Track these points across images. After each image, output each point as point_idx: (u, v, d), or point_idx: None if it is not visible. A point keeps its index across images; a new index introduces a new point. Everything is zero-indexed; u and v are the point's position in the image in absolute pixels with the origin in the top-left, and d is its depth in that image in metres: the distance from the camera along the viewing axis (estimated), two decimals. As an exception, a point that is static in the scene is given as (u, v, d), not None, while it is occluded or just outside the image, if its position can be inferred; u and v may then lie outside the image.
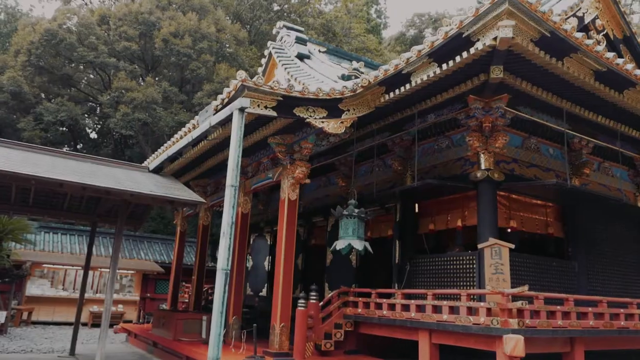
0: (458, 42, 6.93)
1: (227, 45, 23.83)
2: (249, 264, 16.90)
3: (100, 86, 25.31)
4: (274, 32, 14.53)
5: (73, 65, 24.00)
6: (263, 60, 14.42)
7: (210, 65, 22.77)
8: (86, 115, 23.05)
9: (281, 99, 7.73)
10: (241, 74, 7.33)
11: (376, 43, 30.63)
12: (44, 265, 19.12)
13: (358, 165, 12.17)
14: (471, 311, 7.01)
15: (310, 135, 8.98)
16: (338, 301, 9.28)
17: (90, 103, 25.06)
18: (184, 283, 17.15)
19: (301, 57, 13.20)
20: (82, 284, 12.39)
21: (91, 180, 8.31)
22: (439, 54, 7.22)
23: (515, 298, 6.79)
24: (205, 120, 8.31)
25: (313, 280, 10.28)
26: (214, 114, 8.16)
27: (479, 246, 7.60)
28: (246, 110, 7.21)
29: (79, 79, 25.42)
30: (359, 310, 9.05)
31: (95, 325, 18.34)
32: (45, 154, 10.09)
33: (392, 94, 8.30)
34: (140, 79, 23.29)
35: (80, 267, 19.87)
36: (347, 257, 11.66)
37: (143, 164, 11.95)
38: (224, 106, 7.90)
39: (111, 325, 18.42)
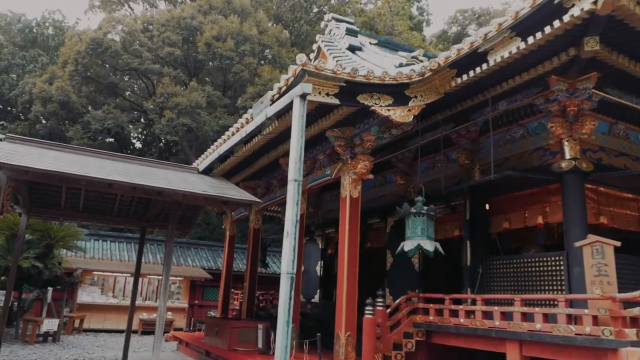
0: (548, 10, 6.05)
1: (270, 47, 23.43)
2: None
3: (145, 93, 25.39)
4: (322, 25, 13.91)
5: (118, 73, 24.15)
6: (312, 55, 13.80)
7: (253, 68, 22.40)
8: (131, 123, 23.08)
9: (344, 84, 7.04)
10: (301, 58, 6.68)
11: (420, 40, 29.66)
12: (94, 272, 19.09)
13: (417, 162, 11.36)
14: (570, 319, 6.08)
15: (372, 126, 8.25)
16: (406, 308, 8.46)
17: (135, 111, 25.15)
18: (232, 290, 16.68)
19: (352, 49, 12.49)
20: (132, 291, 12.02)
21: (141, 181, 7.83)
22: (524, 26, 6.35)
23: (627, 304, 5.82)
24: (260, 112, 7.71)
25: (371, 286, 9.52)
26: (271, 105, 7.56)
27: (577, 244, 6.64)
28: (308, 97, 6.56)
29: (124, 87, 25.59)
30: (431, 317, 8.22)
31: (146, 332, 18.11)
32: (94, 156, 9.75)
33: (464, 77, 7.46)
34: (184, 84, 23.16)
35: (129, 274, 19.77)
36: (409, 261, 10.83)
37: (192, 165, 11.50)
38: (281, 95, 7.27)
39: (165, 333, 18.18)
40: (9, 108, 28.99)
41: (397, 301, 8.55)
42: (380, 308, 8.01)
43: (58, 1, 60.20)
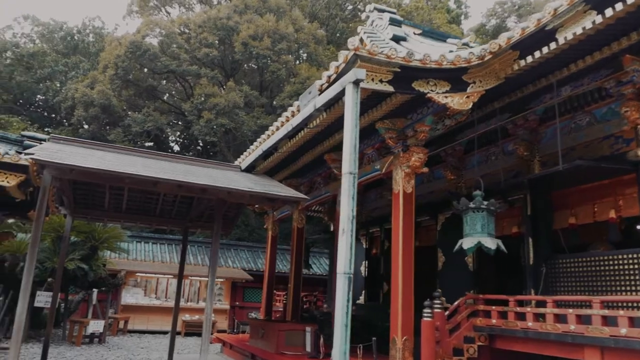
0: (631, -23, 5.42)
1: (306, 45, 23.11)
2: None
3: (183, 96, 25.50)
4: (363, 17, 13.44)
5: (156, 77, 24.32)
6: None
7: (290, 66, 22.13)
8: (170, 126, 23.20)
9: (398, 70, 6.56)
10: (353, 41, 6.24)
11: (459, 33, 28.75)
12: (137, 274, 19.17)
13: (468, 155, 10.75)
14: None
15: (426, 116, 7.73)
16: (466, 310, 7.90)
17: (173, 113, 25.29)
18: (275, 291, 16.39)
19: (397, 39, 11.93)
20: (176, 293, 11.84)
21: (186, 178, 7.56)
22: (601, -3, 5.73)
23: None
24: (308, 103, 7.32)
25: (421, 287, 8.99)
26: (319, 95, 7.16)
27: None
28: (361, 84, 6.12)
29: (163, 90, 25.78)
30: (493, 320, 7.63)
31: (188, 334, 18.03)
32: (139, 155, 9.57)
33: (528, 60, 6.86)
34: (221, 85, 23.10)
35: (171, 276, 19.78)
36: (463, 260, 10.24)
37: (235, 163, 11.23)
38: (331, 84, 6.86)
39: (204, 335, 18.06)
40: (53, 115, 29.70)
41: (456, 303, 7.99)
42: (438, 310, 7.48)
43: (97, 8, 61.98)
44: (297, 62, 22.44)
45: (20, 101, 29.68)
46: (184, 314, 18.62)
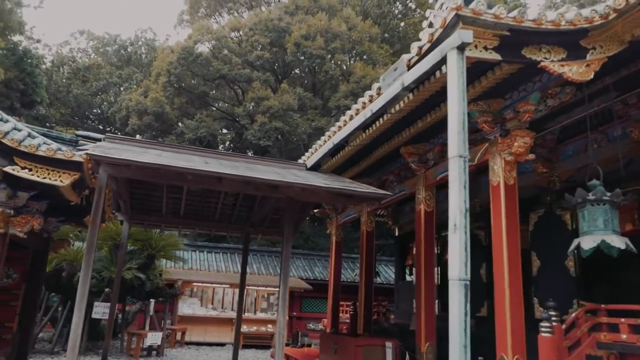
0: None
1: (360, 44, 22.17)
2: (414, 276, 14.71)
3: (234, 101, 25.07)
4: None
5: (208, 83, 24.00)
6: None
7: (344, 66, 21.22)
8: (223, 130, 22.77)
9: (507, 34, 5.43)
10: (455, 0, 5.17)
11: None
12: (194, 283, 18.61)
13: (562, 145, 9.40)
14: None
15: (532, 93, 6.52)
16: (586, 323, 6.59)
17: (225, 120, 24.88)
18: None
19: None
20: (238, 303, 11.07)
21: (253, 174, 6.69)
22: None
23: None
24: (393, 82, 6.30)
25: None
26: (408, 70, 6.14)
27: None
28: (467, 49, 5.08)
29: (215, 97, 25.46)
30: (624, 336, 6.29)
31: (247, 346, 17.24)
32: (198, 154, 8.84)
33: (664, 15, 5.58)
34: (273, 88, 22.48)
35: (227, 285, 19.13)
36: (562, 264, 8.89)
37: (299, 162, 10.34)
38: (422, 56, 5.80)
39: (266, 347, 17.23)
40: (109, 127, 30.04)
41: (574, 314, 6.69)
42: (555, 324, 6.23)
43: (149, 20, 63.75)
44: (352, 61, 21.51)
45: (77, 114, 30.22)
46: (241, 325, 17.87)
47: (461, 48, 4.99)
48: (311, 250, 24.47)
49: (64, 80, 29.23)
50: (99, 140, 8.31)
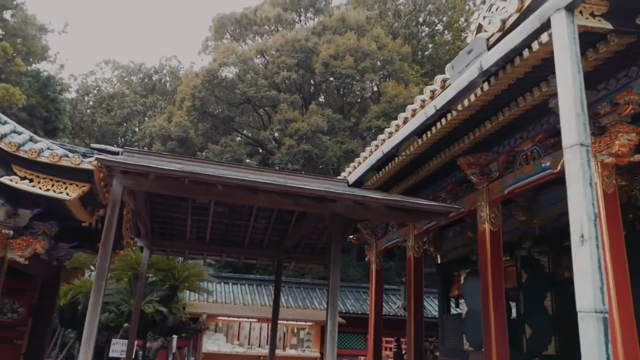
0: None
1: (391, 63, 21.28)
2: (462, 309, 13.24)
3: (260, 125, 24.31)
4: (477, 2, 11.27)
5: (232, 109, 23.35)
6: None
7: (375, 86, 20.29)
8: (249, 157, 21.92)
9: (621, -6, 4.30)
10: (559, -51, 4.05)
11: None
12: (219, 317, 17.37)
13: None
14: None
15: (636, 79, 5.32)
16: None
17: (251, 145, 24.10)
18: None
19: (529, 19, 9.72)
20: (271, 339, 9.81)
21: (295, 184, 5.57)
22: None
23: None
24: (466, 68, 5.18)
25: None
26: (488, 50, 5.02)
27: None
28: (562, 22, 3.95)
29: (240, 123, 24.75)
30: None
31: (276, 387, 15.78)
32: (224, 167, 7.78)
33: None
34: (301, 110, 21.65)
35: (255, 320, 17.84)
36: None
37: (340, 177, 9.21)
38: (505, 31, 4.68)
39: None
40: (132, 155, 29.51)
41: None
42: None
43: (173, 47, 64.59)
44: (382, 81, 20.61)
45: (102, 144, 29.82)
46: (270, 363, 16.48)
47: (570, 8, 3.86)
48: (342, 280, 23.07)
49: (88, 110, 29.02)
50: (117, 153, 7.34)
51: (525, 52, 4.49)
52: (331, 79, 20.49)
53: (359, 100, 21.44)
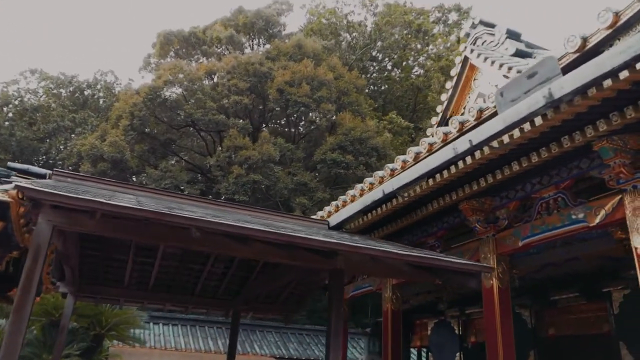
0: None
1: (347, 94, 20.49)
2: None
3: (204, 150, 22.55)
4: (462, 34, 10.62)
5: (174, 131, 21.52)
6: (448, 84, 10.36)
7: (330, 116, 19.34)
8: (190, 184, 20.09)
9: None
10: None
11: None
12: (147, 367, 15.08)
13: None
14: None
15: None
16: None
17: (193, 172, 22.25)
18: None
19: (522, 54, 9.09)
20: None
21: (297, 234, 4.22)
22: None
23: None
24: (528, 93, 4.07)
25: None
26: (563, 75, 3.93)
27: None
28: None
29: (182, 146, 22.85)
30: None
31: None
32: (185, 201, 6.28)
33: None
34: (252, 136, 20.23)
35: (190, 369, 15.68)
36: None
37: (316, 218, 7.90)
38: (584, 53, 3.67)
39: None
40: (55, 175, 26.56)
41: None
42: None
43: (111, 62, 61.05)
44: (339, 112, 19.72)
45: (20, 160, 26.67)
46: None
47: None
48: (282, 322, 21.24)
49: (6, 122, 25.90)
50: (44, 176, 5.64)
51: (624, 73, 3.47)
52: (285, 106, 19.33)
53: (313, 131, 20.38)
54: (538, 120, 4.25)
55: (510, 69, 8.32)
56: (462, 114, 9.83)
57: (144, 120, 19.42)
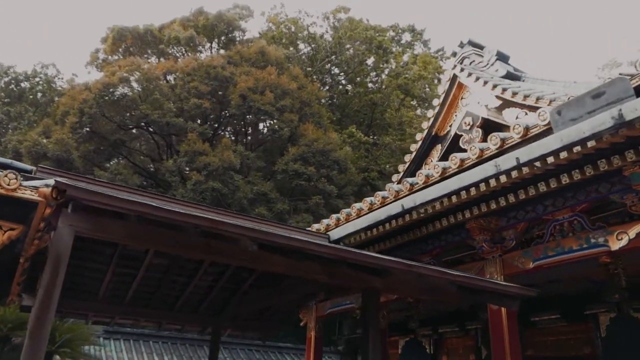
0: None
1: (309, 105, 20.23)
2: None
3: (156, 154, 21.44)
4: (449, 53, 10.66)
5: (127, 131, 20.33)
6: (435, 101, 10.35)
7: (294, 126, 18.99)
8: (143, 184, 18.97)
9: None
10: None
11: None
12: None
13: None
14: None
15: None
16: None
17: (144, 176, 21.08)
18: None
19: (512, 77, 9.24)
20: None
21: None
22: None
23: None
24: (592, 114, 3.94)
25: None
26: (637, 96, 3.85)
27: None
28: None
29: (133, 149, 21.58)
30: None
31: None
32: (203, 210, 5.72)
33: None
34: (211, 142, 19.44)
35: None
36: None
37: (315, 230, 7.51)
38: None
39: None
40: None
41: None
42: None
43: (52, 54, 57.15)
44: (302, 123, 19.39)
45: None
46: None
47: None
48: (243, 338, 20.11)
49: None
50: (30, 172, 4.91)
51: None
52: (248, 113, 18.78)
53: (273, 140, 19.92)
54: (591, 143, 4.16)
55: (505, 90, 8.39)
56: (448, 131, 9.88)
57: (95, 118, 18.15)
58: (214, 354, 7.82)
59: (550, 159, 4.39)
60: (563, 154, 4.27)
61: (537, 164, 4.50)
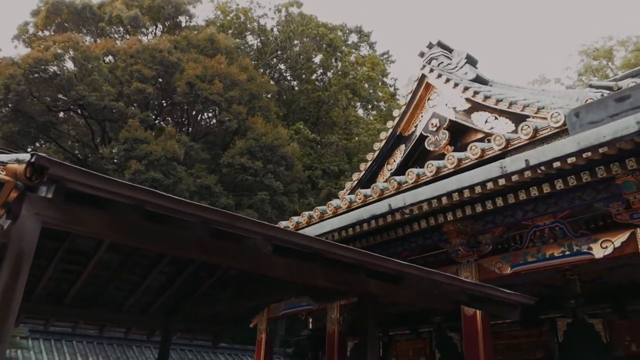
0: None
1: (258, 98, 19.59)
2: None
3: (89, 140, 19.91)
4: (417, 52, 10.50)
5: (59, 112, 18.73)
6: (402, 101, 10.16)
7: (242, 119, 18.28)
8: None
9: None
10: None
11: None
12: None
13: None
14: None
15: None
16: None
17: (73, 163, 19.49)
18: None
19: (480, 81, 9.21)
20: None
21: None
22: None
23: None
24: (615, 117, 3.76)
25: None
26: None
27: None
28: None
29: (63, 132, 19.91)
30: None
31: None
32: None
33: None
34: (154, 130, 18.30)
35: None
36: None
37: (283, 227, 6.99)
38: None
39: None
40: None
41: None
42: None
43: None
44: (250, 115, 18.71)
45: None
46: None
47: None
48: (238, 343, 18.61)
49: None
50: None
51: None
52: (195, 102, 17.85)
53: (221, 132, 19.10)
54: (603, 149, 4.02)
55: (476, 93, 8.32)
56: (413, 132, 9.71)
57: (22, 96, 16.52)
58: (164, 355, 7.12)
59: (557, 164, 4.22)
60: (571, 159, 4.11)
61: (543, 167, 4.32)
